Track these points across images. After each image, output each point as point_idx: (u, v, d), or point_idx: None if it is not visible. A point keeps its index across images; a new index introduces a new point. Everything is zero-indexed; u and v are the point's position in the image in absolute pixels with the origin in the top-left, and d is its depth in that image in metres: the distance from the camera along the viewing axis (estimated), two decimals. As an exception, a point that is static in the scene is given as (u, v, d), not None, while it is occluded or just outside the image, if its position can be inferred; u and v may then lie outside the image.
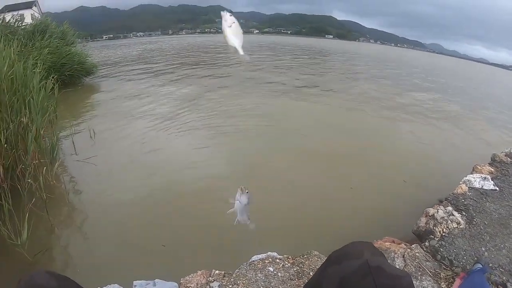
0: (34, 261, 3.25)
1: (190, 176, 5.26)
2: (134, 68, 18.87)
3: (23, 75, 5.32)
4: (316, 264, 2.54)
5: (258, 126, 8.15)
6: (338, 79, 17.94)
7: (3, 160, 3.86)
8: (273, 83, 14.83)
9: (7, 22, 12.23)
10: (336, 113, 10.07)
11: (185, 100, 10.76)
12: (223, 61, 21.82)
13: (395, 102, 12.17)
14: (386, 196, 4.89)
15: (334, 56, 37.68)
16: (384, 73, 23.67)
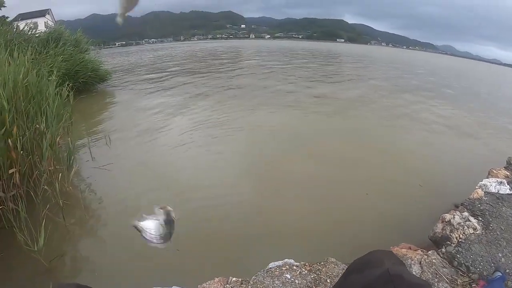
0: (50, 267, 3.26)
1: (205, 182, 5.25)
2: (145, 74, 19.07)
3: (38, 83, 5.38)
4: (333, 271, 2.50)
5: (271, 132, 8.12)
6: (351, 81, 17.79)
7: (19, 166, 3.89)
8: (287, 84, 14.78)
9: (21, 30, 12.45)
10: (350, 118, 9.94)
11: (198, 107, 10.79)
12: (232, 68, 21.86)
13: (408, 107, 11.89)
14: (402, 201, 4.80)
15: (346, 58, 37.52)
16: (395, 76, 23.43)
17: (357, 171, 5.82)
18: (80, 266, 3.53)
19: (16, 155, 3.85)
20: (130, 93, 13.53)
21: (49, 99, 5.21)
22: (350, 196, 4.94)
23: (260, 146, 7.20)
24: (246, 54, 39.68)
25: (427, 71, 30.28)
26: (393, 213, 4.48)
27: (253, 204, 4.69)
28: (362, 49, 75.91)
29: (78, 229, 4.15)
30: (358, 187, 5.20)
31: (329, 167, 5.94)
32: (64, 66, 11.05)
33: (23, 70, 5.06)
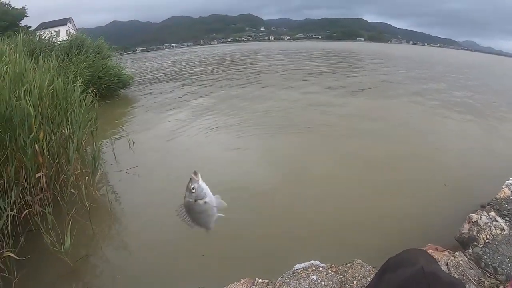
0: (75, 267, 3.32)
1: (229, 186, 5.23)
2: (166, 79, 19.36)
3: (63, 89, 5.50)
4: (359, 273, 2.45)
5: (296, 131, 8.09)
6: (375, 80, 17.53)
7: (46, 170, 3.98)
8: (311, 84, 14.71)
9: (43, 38, 12.82)
10: (374, 117, 9.69)
11: (221, 109, 10.86)
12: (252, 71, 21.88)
13: (434, 104, 11.59)
14: (427, 201, 4.66)
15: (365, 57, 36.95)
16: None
17: (382, 171, 5.68)
18: (104, 267, 3.58)
19: (43, 160, 3.95)
20: (151, 97, 13.80)
21: (74, 105, 5.32)
22: (375, 197, 4.83)
23: (283, 147, 7.18)
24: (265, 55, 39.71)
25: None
26: (419, 213, 4.36)
27: (278, 206, 4.65)
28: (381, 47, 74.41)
29: (103, 231, 4.22)
30: (383, 187, 5.08)
31: (353, 168, 5.85)
32: (87, 73, 11.33)
33: (48, 77, 5.19)
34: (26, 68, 5.09)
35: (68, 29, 33.22)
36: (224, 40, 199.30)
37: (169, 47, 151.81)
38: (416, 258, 1.20)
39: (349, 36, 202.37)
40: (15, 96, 4.05)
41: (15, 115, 3.86)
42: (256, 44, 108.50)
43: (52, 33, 14.34)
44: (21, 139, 3.77)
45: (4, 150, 3.72)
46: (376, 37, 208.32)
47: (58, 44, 13.12)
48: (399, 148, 6.86)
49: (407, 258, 1.25)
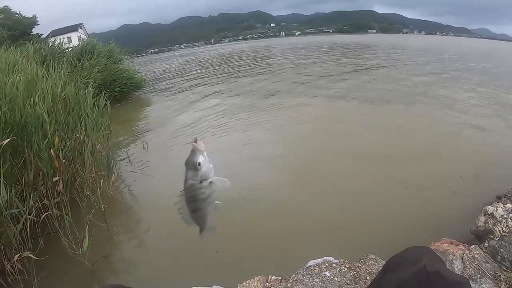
0: (94, 269, 3.40)
1: (242, 183, 5.26)
2: (177, 80, 19.46)
3: (76, 95, 5.60)
4: (373, 268, 2.43)
5: (308, 128, 8.06)
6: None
7: (62, 174, 4.08)
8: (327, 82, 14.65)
9: (55, 45, 13.06)
10: (385, 111, 9.61)
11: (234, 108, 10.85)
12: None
13: (444, 96, 11.25)
14: (443, 194, 4.57)
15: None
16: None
17: (396, 165, 5.61)
18: (122, 268, 3.66)
19: (59, 164, 4.04)
20: (163, 98, 13.93)
21: (87, 109, 5.41)
22: (389, 191, 4.76)
23: (296, 142, 7.17)
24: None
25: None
26: (434, 206, 4.28)
27: (290, 201, 4.64)
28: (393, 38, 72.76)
29: (120, 232, 4.30)
30: (397, 181, 5.01)
31: (367, 163, 5.76)
32: (99, 77, 11.49)
33: (60, 83, 5.30)
34: (38, 76, 5.18)
35: (79, 35, 33.75)
36: (235, 38, 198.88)
37: (180, 48, 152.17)
38: (418, 256, 1.16)
39: (360, 29, 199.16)
40: (29, 104, 4.16)
41: (30, 122, 3.96)
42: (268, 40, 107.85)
43: (64, 40, 14.58)
44: (36, 145, 3.87)
45: (21, 156, 3.82)
46: (388, 28, 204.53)
47: (69, 50, 13.34)
48: (412, 141, 6.75)
49: (409, 256, 1.21)
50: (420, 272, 1.07)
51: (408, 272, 1.10)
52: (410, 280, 1.08)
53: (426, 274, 1.05)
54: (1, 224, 3.02)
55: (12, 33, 17.21)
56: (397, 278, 1.13)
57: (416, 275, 1.07)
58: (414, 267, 1.10)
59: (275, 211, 4.41)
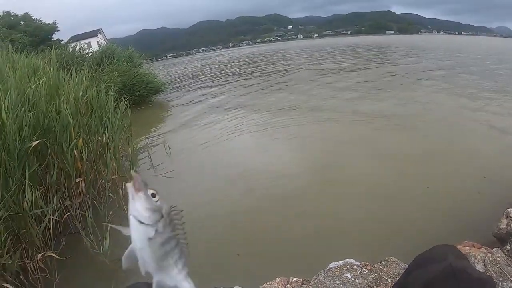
0: (115, 268, 3.43)
1: (265, 185, 5.25)
2: (196, 83, 19.76)
3: (97, 98, 5.70)
4: (394, 271, 2.40)
5: (330, 129, 8.01)
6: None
7: (84, 176, 4.16)
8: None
9: (76, 51, 13.36)
10: (407, 110, 9.39)
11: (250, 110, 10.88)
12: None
13: (470, 93, 11.01)
14: (465, 195, 4.43)
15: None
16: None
17: (419, 165, 5.48)
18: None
19: (81, 166, 4.13)
20: (182, 102, 14.09)
21: (108, 113, 5.51)
22: (410, 191, 4.66)
23: (318, 144, 7.10)
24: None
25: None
26: (456, 208, 4.15)
27: (312, 203, 4.59)
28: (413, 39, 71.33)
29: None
30: (419, 181, 4.90)
31: (388, 162, 5.68)
32: (120, 81, 11.69)
33: (82, 87, 5.40)
34: (60, 80, 5.30)
35: (98, 40, 34.43)
36: (252, 41, 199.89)
37: (199, 52, 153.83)
38: (444, 254, 1.17)
39: (378, 30, 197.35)
40: (52, 107, 4.25)
41: (56, 124, 4.06)
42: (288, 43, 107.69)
43: (84, 45, 14.90)
44: (63, 147, 3.96)
45: (44, 158, 3.91)
46: (406, 28, 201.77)
47: (90, 55, 13.64)
48: (435, 141, 6.60)
49: (436, 254, 1.22)
50: (447, 269, 1.08)
51: (434, 269, 1.12)
52: (436, 277, 1.09)
53: (452, 271, 1.06)
54: (25, 223, 3.09)
55: (33, 39, 17.74)
56: (424, 274, 1.15)
57: (442, 272, 1.08)
58: (440, 264, 1.11)
59: (297, 213, 4.37)
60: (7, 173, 3.06)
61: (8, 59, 5.90)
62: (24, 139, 3.36)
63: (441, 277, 1.08)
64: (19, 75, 4.68)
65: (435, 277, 1.10)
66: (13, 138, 3.21)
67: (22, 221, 3.10)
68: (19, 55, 6.68)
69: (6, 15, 20.44)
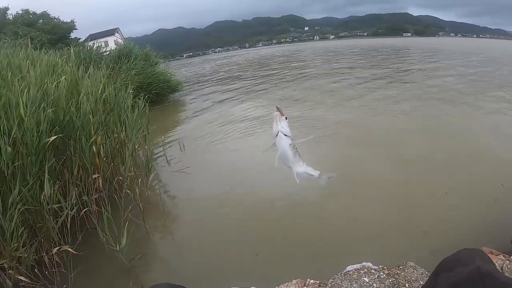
0: (130, 266, 3.43)
1: (282, 184, 5.19)
2: (212, 83, 19.82)
3: (115, 96, 5.73)
4: (411, 276, 2.32)
5: (348, 133, 7.84)
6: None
7: (102, 172, 4.16)
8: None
9: (94, 49, 13.53)
10: (427, 115, 9.14)
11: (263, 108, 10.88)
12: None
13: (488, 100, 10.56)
14: (483, 202, 4.31)
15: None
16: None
17: (437, 171, 5.34)
18: (158, 266, 3.67)
19: (99, 162, 4.15)
20: (197, 101, 14.16)
21: (127, 111, 5.53)
22: (428, 197, 4.57)
23: (339, 146, 7.02)
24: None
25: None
26: (474, 214, 4.05)
27: (330, 205, 4.51)
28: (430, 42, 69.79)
29: (157, 231, 4.33)
30: (437, 187, 4.77)
31: (407, 167, 5.54)
32: (137, 79, 11.78)
33: (100, 85, 5.43)
34: (79, 78, 5.34)
35: (116, 39, 34.89)
36: (269, 42, 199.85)
37: (215, 52, 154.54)
38: (472, 258, 1.16)
39: (395, 32, 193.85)
40: (72, 104, 4.28)
41: (76, 121, 4.09)
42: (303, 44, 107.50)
43: (101, 44, 15.09)
44: (82, 143, 3.98)
45: (62, 153, 3.93)
46: (423, 31, 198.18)
47: (107, 53, 13.82)
48: (456, 147, 6.40)
49: (463, 257, 1.22)
50: (474, 273, 1.08)
51: (462, 272, 1.12)
52: (463, 280, 1.09)
53: (480, 275, 1.06)
54: (42, 217, 3.10)
55: (52, 37, 17.99)
56: (451, 277, 1.15)
57: (469, 275, 1.09)
58: (467, 268, 1.12)
59: (315, 215, 4.31)
60: (24, 167, 3.07)
61: (27, 57, 5.98)
62: (41, 134, 3.37)
63: (468, 281, 1.08)
64: (39, 72, 4.73)
65: (462, 280, 1.10)
66: (31, 133, 3.23)
67: (39, 215, 3.12)
68: (38, 53, 6.76)
69: (25, 13, 20.81)
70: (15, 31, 15.76)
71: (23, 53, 6.20)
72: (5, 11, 20.13)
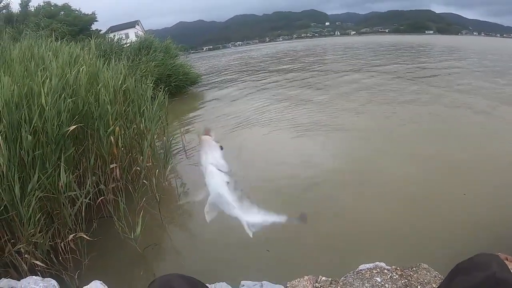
0: (143, 255, 3.48)
1: (296, 183, 5.16)
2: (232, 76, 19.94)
3: (135, 87, 5.78)
4: (424, 278, 2.28)
5: (366, 131, 7.70)
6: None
7: (119, 162, 4.23)
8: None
9: (114, 41, 13.70)
10: (449, 115, 8.89)
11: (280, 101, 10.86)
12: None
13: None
14: (501, 205, 4.16)
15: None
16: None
17: (456, 172, 5.20)
18: (171, 256, 3.74)
19: (117, 152, 4.21)
20: (218, 94, 14.17)
21: (147, 102, 5.58)
22: (446, 197, 4.46)
23: (355, 144, 6.92)
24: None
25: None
26: (490, 218, 3.93)
27: (345, 203, 4.49)
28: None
29: (171, 222, 4.39)
30: (456, 188, 4.64)
31: (426, 166, 5.43)
32: (157, 71, 11.88)
33: (120, 77, 5.49)
34: (100, 69, 5.40)
35: (136, 31, 35.12)
36: (289, 37, 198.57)
37: (235, 45, 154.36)
38: (489, 263, 1.16)
39: (417, 29, 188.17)
40: (91, 94, 4.34)
41: (95, 111, 4.15)
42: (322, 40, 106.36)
43: (122, 36, 15.27)
44: (100, 132, 4.06)
45: (82, 142, 4.01)
46: (445, 29, 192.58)
47: (128, 45, 13.96)
48: (475, 148, 6.22)
49: (480, 262, 1.21)
50: (490, 279, 1.08)
51: (478, 277, 1.12)
52: (479, 285, 1.10)
53: (496, 281, 1.07)
54: (59, 205, 3.18)
55: (73, 28, 18.30)
56: (467, 281, 1.16)
57: (485, 281, 1.09)
58: (484, 273, 1.12)
59: (329, 212, 4.26)
60: (44, 156, 3.14)
61: (50, 48, 6.08)
62: (62, 123, 3.43)
63: (484, 286, 1.08)
64: (61, 63, 4.80)
65: (478, 286, 1.11)
66: (51, 122, 3.29)
67: (56, 203, 3.19)
68: (60, 44, 6.87)
69: (46, 5, 21.32)
70: (37, 23, 16.11)
71: (45, 44, 6.31)
72: (27, 3, 20.54)
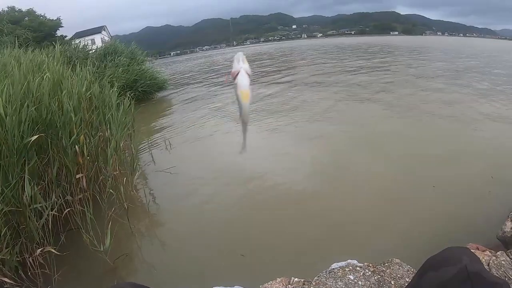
0: (114, 266, 3.41)
1: (268, 183, 5.19)
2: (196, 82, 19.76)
3: (100, 94, 5.67)
4: (397, 273, 2.35)
5: (340, 131, 7.82)
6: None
7: (85, 171, 4.12)
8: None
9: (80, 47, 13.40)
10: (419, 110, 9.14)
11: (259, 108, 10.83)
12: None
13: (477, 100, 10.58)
14: (471, 196, 4.33)
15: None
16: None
17: (426, 165, 5.36)
18: (143, 266, 3.65)
19: (83, 161, 4.10)
20: (185, 99, 14.05)
21: (112, 109, 5.47)
22: (415, 191, 4.59)
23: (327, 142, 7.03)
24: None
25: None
26: (460, 209, 4.06)
27: (316, 203, 4.52)
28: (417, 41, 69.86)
29: (141, 230, 4.30)
30: (425, 181, 4.78)
31: (394, 162, 5.57)
32: (123, 77, 11.70)
33: (85, 83, 5.37)
34: (64, 76, 5.27)
35: (102, 36, 34.57)
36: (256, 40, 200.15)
37: (202, 50, 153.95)
38: (459, 257, 1.17)
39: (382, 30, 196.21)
40: (55, 102, 4.22)
41: (56, 120, 4.03)
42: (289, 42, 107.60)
43: (87, 42, 14.96)
44: (63, 142, 3.93)
45: (45, 152, 3.88)
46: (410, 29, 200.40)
47: (93, 51, 13.68)
48: (447, 141, 6.46)
49: (450, 256, 1.22)
50: (462, 272, 1.08)
51: (449, 271, 1.12)
52: (451, 280, 1.10)
53: (467, 274, 1.07)
54: (25, 218, 3.06)
55: (37, 34, 17.68)
56: (438, 277, 1.16)
57: (457, 274, 1.09)
58: (455, 267, 1.12)
59: (300, 212, 4.31)
60: (6, 167, 3.03)
61: (13, 55, 5.89)
62: (23, 133, 3.33)
63: (456, 280, 1.08)
64: (24, 70, 4.66)
65: (450, 280, 1.10)
66: (11, 133, 3.18)
67: (22, 216, 3.08)
68: (23, 50, 6.66)
69: (10, 10, 20.40)
70: (0, 29, 15.50)
71: (8, 52, 6.11)
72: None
